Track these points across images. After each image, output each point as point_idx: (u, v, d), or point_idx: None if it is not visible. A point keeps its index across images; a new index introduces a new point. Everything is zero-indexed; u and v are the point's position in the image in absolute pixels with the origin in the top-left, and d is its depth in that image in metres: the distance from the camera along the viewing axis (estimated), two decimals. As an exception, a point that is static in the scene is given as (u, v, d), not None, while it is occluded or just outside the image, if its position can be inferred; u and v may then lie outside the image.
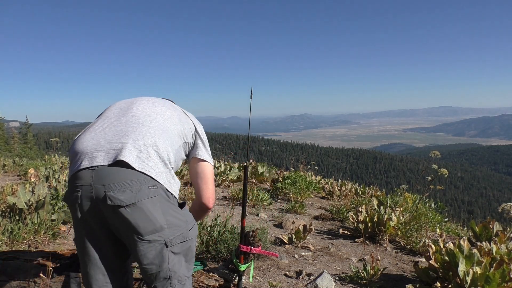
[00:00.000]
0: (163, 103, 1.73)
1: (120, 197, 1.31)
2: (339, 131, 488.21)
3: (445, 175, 4.67)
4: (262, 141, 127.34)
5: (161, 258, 1.42)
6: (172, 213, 1.44)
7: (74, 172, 1.40)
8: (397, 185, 7.83)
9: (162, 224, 1.38)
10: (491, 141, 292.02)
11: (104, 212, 1.37)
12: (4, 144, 29.17)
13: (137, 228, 1.34)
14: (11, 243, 3.22)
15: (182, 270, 1.49)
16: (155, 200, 1.37)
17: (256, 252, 2.14)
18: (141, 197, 1.34)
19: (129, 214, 1.33)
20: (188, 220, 1.52)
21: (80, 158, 1.41)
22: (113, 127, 1.50)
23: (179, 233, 1.44)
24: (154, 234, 1.37)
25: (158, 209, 1.38)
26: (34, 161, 9.84)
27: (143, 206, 1.34)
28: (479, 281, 2.42)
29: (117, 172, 1.34)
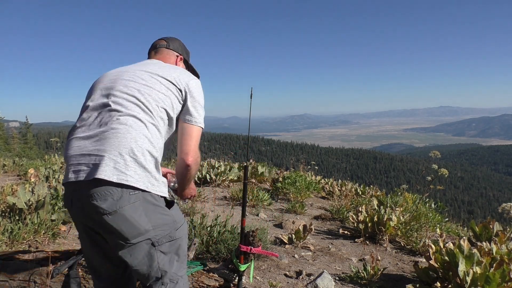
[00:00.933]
0: (146, 76, 1.62)
1: (102, 206, 1.36)
2: (339, 131, 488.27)
3: (445, 175, 4.67)
4: (262, 141, 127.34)
5: (150, 258, 1.46)
6: (157, 214, 1.46)
7: (63, 182, 1.50)
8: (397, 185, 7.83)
9: (146, 227, 1.42)
10: (491, 141, 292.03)
11: (92, 220, 1.43)
12: (4, 144, 29.17)
13: (122, 233, 1.39)
14: (11, 243, 3.22)
15: (174, 269, 1.53)
16: (137, 205, 1.40)
17: (256, 252, 2.14)
18: (122, 204, 1.37)
19: (113, 221, 1.37)
20: (176, 220, 1.55)
21: (68, 168, 1.48)
22: (92, 131, 1.48)
23: (166, 232, 1.48)
24: (140, 237, 1.42)
25: (141, 213, 1.41)
26: (34, 161, 9.84)
27: (124, 213, 1.38)
28: (479, 281, 2.42)
29: (99, 182, 1.37)
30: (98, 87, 1.63)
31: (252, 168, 8.18)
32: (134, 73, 1.64)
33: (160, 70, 1.67)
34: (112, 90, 1.57)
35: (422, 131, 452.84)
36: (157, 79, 1.61)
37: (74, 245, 3.49)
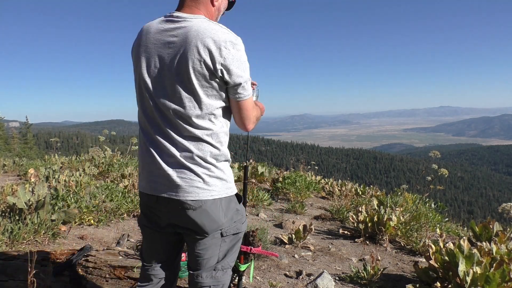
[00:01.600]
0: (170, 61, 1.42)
1: (189, 202, 1.43)
2: (339, 131, 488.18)
3: (445, 175, 4.67)
4: (262, 141, 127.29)
5: (216, 246, 1.55)
6: (232, 208, 1.55)
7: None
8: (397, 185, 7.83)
9: (223, 221, 1.51)
10: (491, 141, 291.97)
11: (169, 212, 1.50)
12: (4, 144, 29.16)
13: (203, 227, 1.47)
14: (11, 243, 3.22)
15: (228, 258, 1.61)
16: (217, 201, 1.48)
17: (256, 252, 2.14)
18: (206, 200, 1.45)
19: (196, 216, 1.45)
20: (243, 214, 1.64)
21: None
22: (150, 135, 1.49)
23: (234, 225, 1.57)
24: (216, 231, 1.51)
25: (220, 208, 1.49)
26: (34, 161, 9.83)
27: (207, 208, 1.45)
28: (479, 281, 2.42)
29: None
30: None
31: (252, 168, 8.18)
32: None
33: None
34: None
35: (422, 131, 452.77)
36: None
37: (74, 245, 3.49)
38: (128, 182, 5.84)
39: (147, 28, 1.52)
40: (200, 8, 1.50)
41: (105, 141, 9.38)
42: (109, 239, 3.81)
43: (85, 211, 4.21)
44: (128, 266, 2.60)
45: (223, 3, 1.60)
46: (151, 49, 1.48)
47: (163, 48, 1.45)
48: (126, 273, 2.54)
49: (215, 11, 1.57)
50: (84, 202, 4.33)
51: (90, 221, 4.18)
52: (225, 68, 1.39)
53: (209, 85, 1.41)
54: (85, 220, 4.17)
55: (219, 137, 1.49)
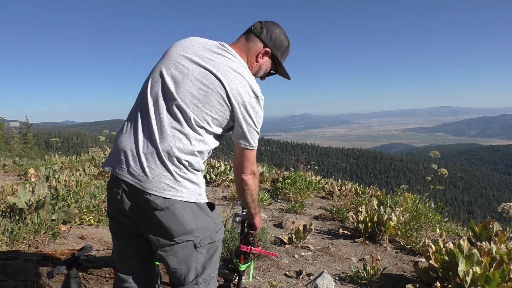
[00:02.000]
0: (205, 90, 1.47)
1: (156, 201, 1.39)
2: (339, 131, 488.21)
3: (445, 175, 4.67)
4: (262, 141, 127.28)
5: (190, 259, 1.48)
6: (202, 215, 1.49)
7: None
8: (397, 185, 7.83)
9: (192, 226, 1.44)
10: (491, 141, 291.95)
11: (140, 214, 1.46)
12: (4, 144, 29.16)
13: (169, 230, 1.41)
14: (11, 243, 3.22)
15: (209, 270, 1.55)
16: (186, 204, 1.43)
17: (256, 252, 2.14)
18: (175, 201, 1.41)
19: (163, 217, 1.40)
20: (216, 222, 1.56)
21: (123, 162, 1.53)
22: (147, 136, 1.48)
23: (208, 234, 1.50)
24: (184, 236, 1.44)
25: (189, 212, 1.44)
26: (34, 161, 9.83)
27: (175, 210, 1.40)
28: (479, 281, 2.42)
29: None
30: None
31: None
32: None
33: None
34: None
35: (422, 131, 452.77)
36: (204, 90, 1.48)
37: (74, 245, 3.49)
38: (128, 182, 5.84)
39: (192, 40, 1.60)
40: (248, 56, 1.62)
41: (105, 141, 9.39)
42: (109, 239, 3.81)
43: (85, 211, 4.21)
44: (128, 266, 2.59)
45: (266, 64, 1.69)
46: (189, 53, 1.54)
47: (200, 58, 1.51)
48: (126, 273, 2.54)
49: (256, 67, 1.67)
50: (84, 202, 4.33)
51: (90, 221, 4.18)
52: (243, 112, 1.50)
53: (219, 116, 1.49)
54: (85, 220, 4.18)
55: (204, 148, 1.50)
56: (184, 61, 1.51)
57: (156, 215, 1.40)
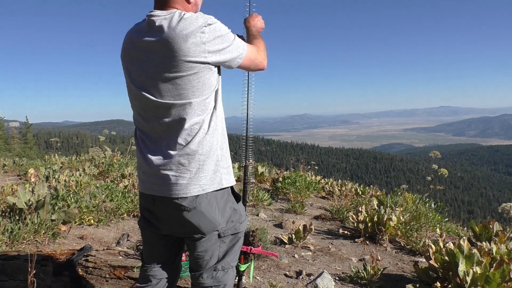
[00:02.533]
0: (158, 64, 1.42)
1: (183, 203, 1.45)
2: (339, 131, 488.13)
3: (445, 175, 4.67)
4: (262, 141, 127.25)
5: (214, 247, 1.56)
6: (228, 208, 1.55)
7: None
8: (397, 185, 7.83)
9: (220, 221, 1.52)
10: (491, 141, 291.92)
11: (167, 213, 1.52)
12: (4, 144, 29.16)
13: (199, 228, 1.49)
14: (11, 243, 3.22)
15: (228, 258, 1.61)
16: (212, 201, 1.49)
17: (256, 252, 2.14)
18: (201, 201, 1.46)
19: (192, 217, 1.46)
20: (241, 214, 1.63)
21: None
22: (147, 136, 1.54)
23: (232, 225, 1.57)
24: (213, 231, 1.52)
25: (215, 208, 1.50)
26: (34, 161, 9.83)
27: (202, 209, 1.46)
28: (479, 281, 2.42)
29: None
30: None
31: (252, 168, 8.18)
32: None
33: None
34: None
35: (422, 131, 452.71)
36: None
37: (74, 245, 3.49)
38: (128, 182, 5.84)
39: (129, 36, 1.53)
40: (176, 5, 1.49)
41: (105, 141, 9.39)
42: (109, 239, 3.81)
43: (85, 211, 4.21)
44: (128, 266, 2.60)
45: None
46: (133, 56, 1.50)
47: (143, 54, 1.46)
48: (126, 273, 2.54)
49: (193, 7, 1.55)
50: (84, 202, 4.33)
51: (90, 221, 4.18)
52: (209, 53, 1.41)
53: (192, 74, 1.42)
54: (85, 220, 4.17)
55: (208, 128, 1.48)
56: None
57: (184, 216, 1.47)
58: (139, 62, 1.47)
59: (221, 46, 1.44)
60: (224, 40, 1.45)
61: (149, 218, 1.60)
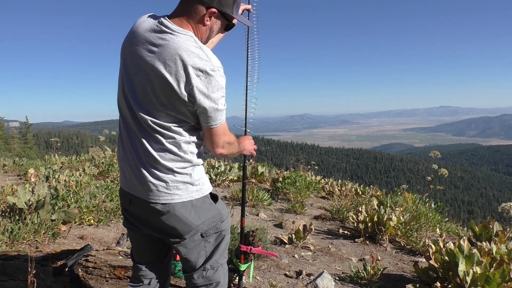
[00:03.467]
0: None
1: (157, 207, 1.47)
2: (339, 131, 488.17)
3: (445, 175, 4.67)
4: (262, 141, 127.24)
5: (199, 247, 1.58)
6: (204, 208, 1.55)
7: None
8: (397, 185, 7.83)
9: (196, 223, 1.52)
10: (491, 141, 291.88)
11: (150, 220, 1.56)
12: (4, 144, 29.16)
13: (177, 230, 1.51)
14: (11, 243, 3.22)
15: (216, 256, 1.63)
16: (186, 204, 1.50)
17: (256, 252, 2.14)
18: (174, 205, 1.47)
19: (168, 220, 1.49)
20: (222, 212, 1.63)
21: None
22: (127, 141, 1.54)
23: (213, 224, 1.58)
24: (192, 232, 1.53)
25: (190, 210, 1.51)
26: (34, 161, 9.83)
27: (175, 212, 1.47)
28: (479, 281, 2.42)
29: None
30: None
31: (252, 168, 8.18)
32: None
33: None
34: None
35: (422, 131, 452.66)
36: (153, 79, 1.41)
37: (74, 245, 3.49)
38: (128, 182, 5.83)
39: (136, 28, 1.48)
40: (190, 23, 1.44)
41: (105, 141, 9.39)
42: (109, 239, 3.81)
43: (85, 211, 4.21)
44: (128, 266, 2.60)
45: (217, 24, 1.50)
46: (135, 50, 1.46)
47: (143, 56, 1.42)
48: (126, 273, 2.54)
49: (206, 31, 1.49)
50: (84, 202, 4.33)
51: (90, 221, 4.18)
52: (191, 95, 1.37)
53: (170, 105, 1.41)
54: (85, 220, 4.17)
55: (182, 146, 1.48)
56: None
57: (160, 218, 1.49)
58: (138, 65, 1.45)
59: (213, 94, 1.40)
60: (219, 92, 1.42)
61: (128, 217, 1.63)
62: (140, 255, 1.71)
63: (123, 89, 1.51)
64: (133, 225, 1.62)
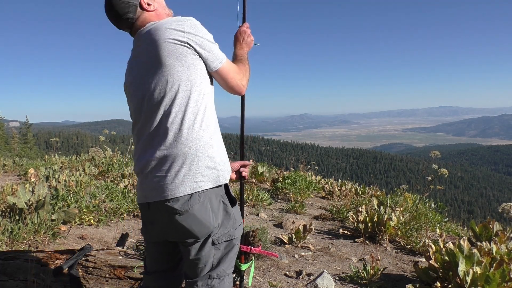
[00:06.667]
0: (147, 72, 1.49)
1: (175, 206, 1.41)
2: (339, 131, 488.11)
3: (445, 175, 4.67)
4: (262, 141, 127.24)
5: (208, 254, 1.51)
6: (222, 211, 1.51)
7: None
8: (397, 185, 7.83)
9: (214, 224, 1.47)
10: (491, 141, 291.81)
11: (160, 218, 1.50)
12: (4, 144, 29.17)
13: (193, 232, 1.44)
14: (11, 243, 3.22)
15: (224, 265, 1.56)
16: (205, 203, 1.45)
17: (256, 252, 2.14)
18: (193, 203, 1.42)
19: (184, 221, 1.43)
20: (236, 219, 1.58)
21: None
22: (142, 138, 1.52)
23: (226, 231, 1.52)
24: (207, 236, 1.48)
25: (209, 211, 1.46)
26: (34, 161, 9.83)
27: (195, 212, 1.42)
28: (479, 281, 2.42)
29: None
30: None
31: (252, 168, 8.18)
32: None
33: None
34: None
35: (422, 131, 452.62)
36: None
37: (74, 245, 3.49)
38: (128, 182, 5.84)
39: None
40: (145, 18, 1.56)
41: (105, 141, 9.39)
42: (109, 239, 3.81)
43: (85, 211, 4.21)
44: (128, 266, 2.60)
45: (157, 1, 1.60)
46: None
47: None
48: (126, 273, 2.54)
49: (160, 9, 1.60)
50: (84, 202, 4.33)
51: (90, 221, 4.18)
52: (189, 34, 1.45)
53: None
54: (85, 220, 4.17)
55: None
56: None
57: (177, 219, 1.43)
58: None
59: (204, 36, 1.48)
60: (206, 34, 1.50)
61: (146, 225, 1.59)
62: (152, 264, 1.66)
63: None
64: (147, 230, 1.60)
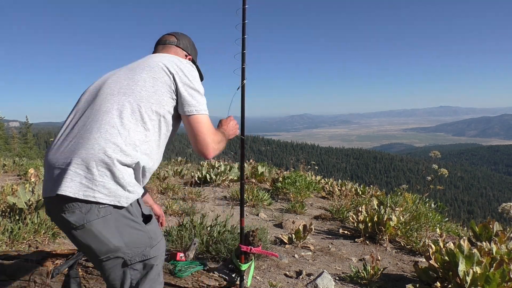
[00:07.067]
0: (133, 73, 1.50)
1: (70, 219, 1.28)
2: (339, 131, 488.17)
3: (445, 175, 4.67)
4: (262, 141, 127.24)
5: (123, 275, 1.38)
6: (131, 229, 1.35)
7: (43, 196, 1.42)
8: (397, 185, 7.84)
9: (116, 244, 1.31)
10: (491, 141, 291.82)
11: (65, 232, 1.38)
12: (4, 144, 29.18)
13: (90, 249, 1.31)
14: (11, 243, 3.22)
15: (144, 287, 1.42)
16: (108, 219, 1.30)
17: (256, 252, 2.14)
18: (90, 217, 1.27)
19: (81, 236, 1.30)
20: (152, 237, 1.41)
21: (45, 181, 1.40)
22: (69, 137, 1.39)
23: (140, 251, 1.37)
24: (109, 254, 1.33)
25: (111, 228, 1.30)
26: (34, 161, 9.84)
27: (92, 228, 1.28)
28: (479, 281, 2.42)
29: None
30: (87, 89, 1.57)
31: (252, 168, 8.18)
32: (124, 71, 1.56)
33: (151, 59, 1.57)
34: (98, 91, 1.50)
35: (422, 131, 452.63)
36: (143, 69, 1.51)
37: (74, 245, 3.49)
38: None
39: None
40: (171, 51, 1.73)
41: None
42: (109, 239, 3.81)
43: (85, 211, 4.21)
44: (128, 266, 2.60)
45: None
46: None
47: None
48: (126, 273, 2.54)
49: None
50: (84, 202, 4.33)
51: (90, 221, 4.18)
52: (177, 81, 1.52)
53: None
54: (85, 220, 4.17)
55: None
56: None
57: (72, 233, 1.30)
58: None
59: (193, 82, 1.53)
60: (198, 82, 1.56)
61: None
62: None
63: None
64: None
